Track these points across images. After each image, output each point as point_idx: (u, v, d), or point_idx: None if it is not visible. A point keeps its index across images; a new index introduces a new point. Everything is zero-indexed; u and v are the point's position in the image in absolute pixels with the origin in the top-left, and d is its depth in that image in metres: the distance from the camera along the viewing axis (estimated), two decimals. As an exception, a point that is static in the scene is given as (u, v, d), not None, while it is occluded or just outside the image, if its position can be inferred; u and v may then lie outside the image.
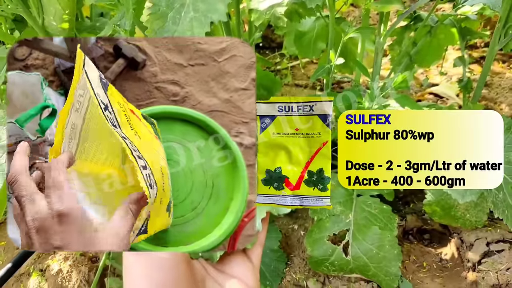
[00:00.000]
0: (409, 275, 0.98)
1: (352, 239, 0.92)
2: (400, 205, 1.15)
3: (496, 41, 1.00)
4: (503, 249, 0.95)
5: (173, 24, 0.67)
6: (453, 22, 1.16)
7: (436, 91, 1.51)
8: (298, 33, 1.28)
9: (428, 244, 1.07)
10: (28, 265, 1.07)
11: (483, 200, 0.93)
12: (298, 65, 1.81)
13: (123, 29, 0.76)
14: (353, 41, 1.29)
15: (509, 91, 1.50)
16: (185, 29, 0.66)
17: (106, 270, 1.03)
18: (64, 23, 0.85)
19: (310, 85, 1.65)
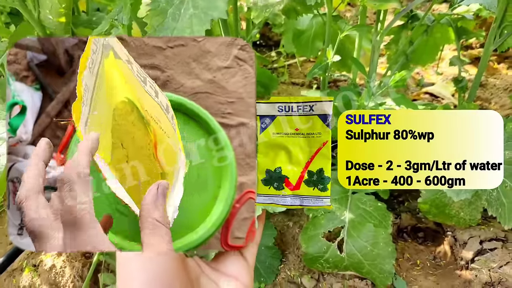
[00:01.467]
0: (403, 273, 0.99)
1: (346, 236, 0.92)
2: (395, 203, 1.16)
3: (491, 41, 1.00)
4: (496, 247, 0.96)
5: (173, 20, 0.67)
6: (449, 22, 1.17)
7: (432, 91, 1.52)
8: (296, 31, 1.28)
9: (422, 242, 1.08)
10: (20, 260, 1.06)
11: (477, 198, 0.93)
12: (295, 64, 1.81)
13: (121, 24, 0.76)
14: (350, 39, 1.30)
15: (504, 91, 1.51)
16: (185, 26, 0.66)
17: (99, 266, 1.03)
18: (60, 17, 0.85)
19: (307, 83, 1.65)
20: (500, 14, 0.95)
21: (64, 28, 0.85)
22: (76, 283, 1.00)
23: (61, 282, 1.01)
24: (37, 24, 0.85)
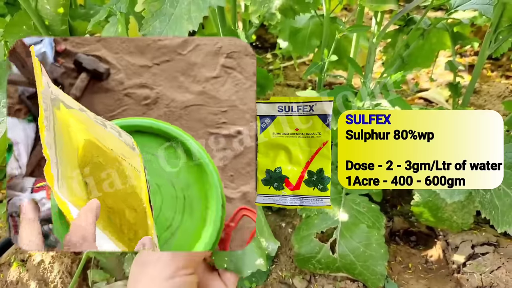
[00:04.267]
0: (395, 276, 0.99)
1: (339, 237, 0.92)
2: (388, 206, 1.16)
3: (486, 46, 1.01)
4: (487, 251, 0.97)
5: (171, 6, 0.66)
6: (445, 26, 1.17)
7: (426, 96, 1.52)
8: (292, 29, 1.28)
9: (414, 245, 1.09)
10: (8, 255, 1.05)
11: (470, 202, 0.94)
12: (290, 66, 1.81)
13: (119, 12, 0.76)
14: (347, 39, 1.30)
15: (497, 98, 1.53)
16: (183, 12, 0.65)
17: (89, 262, 1.02)
18: (58, 7, 0.84)
19: (302, 85, 1.65)
20: (496, 19, 0.96)
21: (61, 19, 0.85)
22: (64, 279, 0.99)
23: (49, 278, 0.99)
24: (34, 14, 0.84)
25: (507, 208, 0.80)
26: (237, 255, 0.54)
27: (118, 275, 1.00)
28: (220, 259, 0.52)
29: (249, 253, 0.55)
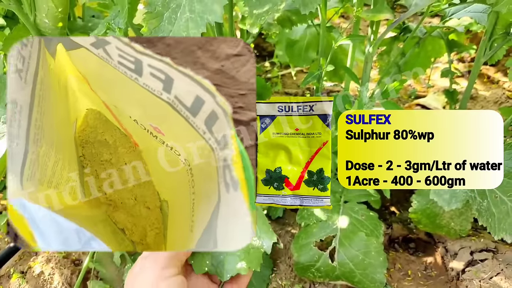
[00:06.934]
0: (395, 283, 0.99)
1: (338, 245, 0.92)
2: (386, 213, 1.16)
3: (481, 54, 1.02)
4: (486, 258, 0.97)
5: (169, 24, 0.67)
6: (441, 34, 1.19)
7: (423, 103, 1.53)
8: (289, 41, 1.29)
9: (413, 253, 1.08)
10: (8, 266, 1.04)
11: (467, 209, 0.94)
12: (288, 74, 1.82)
13: (118, 27, 0.76)
14: (343, 51, 1.31)
15: (494, 104, 1.53)
16: (181, 29, 0.66)
17: (89, 273, 1.02)
18: (57, 21, 0.84)
19: (300, 93, 1.66)
20: (490, 27, 0.97)
21: (59, 33, 0.85)
22: (64, 291, 0.99)
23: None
24: (33, 28, 0.84)
25: (503, 215, 0.80)
26: (218, 258, 0.53)
27: (117, 286, 0.99)
28: (200, 263, 0.52)
29: (230, 256, 0.54)
